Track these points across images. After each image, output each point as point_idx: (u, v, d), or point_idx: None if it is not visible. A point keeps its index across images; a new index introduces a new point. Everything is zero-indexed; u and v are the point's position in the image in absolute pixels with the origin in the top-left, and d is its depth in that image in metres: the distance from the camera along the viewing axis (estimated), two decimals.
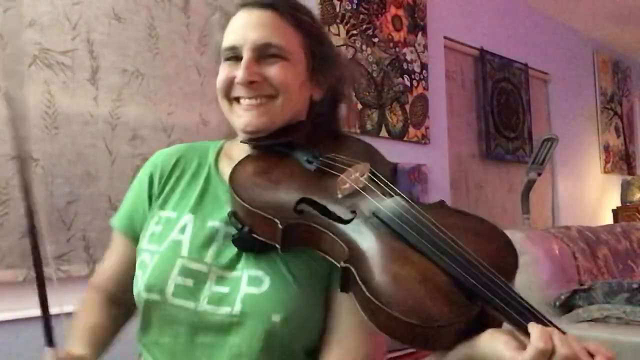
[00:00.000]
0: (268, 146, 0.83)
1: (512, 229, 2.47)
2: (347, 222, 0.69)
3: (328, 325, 0.78)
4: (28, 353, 1.51)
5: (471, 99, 3.39)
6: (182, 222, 0.83)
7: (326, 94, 0.89)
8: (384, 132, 2.64)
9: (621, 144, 4.83)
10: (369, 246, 0.65)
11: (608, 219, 4.45)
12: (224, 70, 0.82)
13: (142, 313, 0.82)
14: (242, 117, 0.81)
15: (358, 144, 0.91)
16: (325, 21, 2.43)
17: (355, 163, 0.79)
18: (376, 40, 2.66)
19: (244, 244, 0.76)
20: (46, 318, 0.73)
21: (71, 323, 0.89)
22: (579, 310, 2.16)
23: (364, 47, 2.60)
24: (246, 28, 0.81)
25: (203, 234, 0.81)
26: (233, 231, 0.78)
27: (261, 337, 0.73)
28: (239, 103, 0.82)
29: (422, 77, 2.88)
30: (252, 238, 0.73)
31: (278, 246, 0.70)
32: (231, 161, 0.87)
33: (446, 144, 3.03)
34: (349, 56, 2.52)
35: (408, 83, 2.80)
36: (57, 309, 0.86)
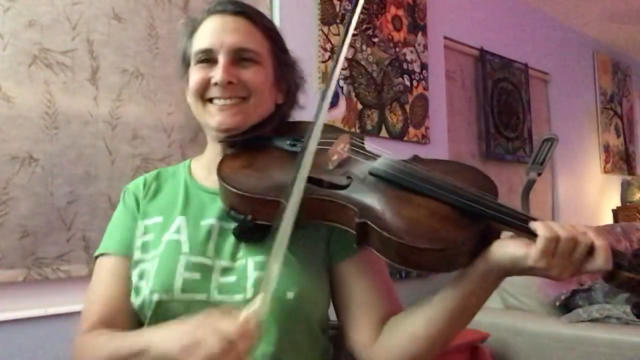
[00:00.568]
0: (243, 142, 0.87)
1: None
2: (346, 187, 0.75)
3: (342, 295, 0.83)
4: (28, 353, 1.51)
5: (471, 99, 3.39)
6: (176, 224, 0.85)
7: (287, 97, 0.94)
8: (384, 132, 2.64)
9: (621, 144, 4.83)
10: (374, 200, 0.72)
11: (608, 219, 4.45)
12: (198, 72, 0.86)
13: (151, 318, 0.81)
14: (217, 116, 0.85)
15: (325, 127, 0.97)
16: (325, 21, 2.43)
17: (333, 136, 0.86)
18: (376, 40, 2.66)
19: (245, 234, 0.79)
20: None
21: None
22: (579, 310, 2.17)
23: (364, 47, 2.60)
24: (222, 32, 0.85)
25: (199, 232, 0.84)
26: (229, 226, 0.82)
27: (278, 317, 0.76)
28: (212, 103, 0.86)
29: (422, 77, 2.88)
30: (254, 226, 0.76)
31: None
32: (204, 169, 0.92)
33: (446, 144, 3.03)
34: (349, 56, 2.52)
35: (408, 83, 2.80)
36: (57, 309, 0.86)
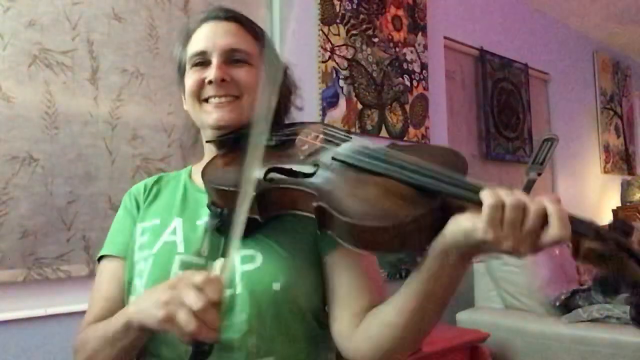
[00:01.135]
0: (233, 143, 0.89)
1: None
2: (312, 175, 0.76)
3: (328, 288, 0.84)
4: (28, 353, 1.51)
5: (471, 99, 3.39)
6: (172, 226, 0.88)
7: (278, 99, 0.95)
8: (384, 132, 2.64)
9: (621, 144, 4.83)
10: (335, 185, 0.73)
11: (608, 219, 4.45)
12: (194, 74, 0.91)
13: None
14: (213, 114, 0.89)
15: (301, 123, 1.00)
16: (325, 21, 2.43)
17: (307, 127, 0.89)
18: (376, 40, 2.66)
19: (228, 228, 0.78)
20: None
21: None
22: (579, 310, 2.17)
23: (364, 47, 2.60)
24: (214, 35, 0.90)
25: (195, 233, 0.86)
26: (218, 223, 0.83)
27: (267, 309, 0.77)
28: (208, 102, 0.89)
29: (422, 77, 2.88)
30: (232, 218, 0.77)
31: (257, 216, 0.76)
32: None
33: (446, 144, 3.03)
34: (349, 56, 2.52)
35: (408, 83, 2.80)
36: (57, 309, 0.86)
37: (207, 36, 0.90)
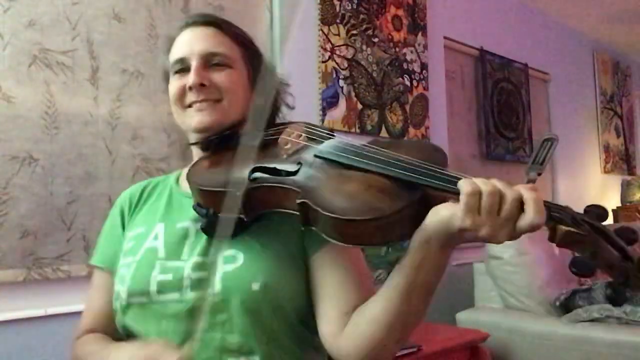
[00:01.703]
0: (217, 144, 0.90)
1: None
2: (296, 173, 0.77)
3: (313, 288, 0.84)
4: (28, 353, 1.51)
5: (471, 99, 3.39)
6: (154, 232, 0.89)
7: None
8: (384, 132, 2.64)
9: (621, 144, 4.83)
10: (317, 181, 0.74)
11: (608, 219, 4.45)
12: (175, 81, 0.92)
13: (126, 322, 0.85)
14: (195, 117, 0.90)
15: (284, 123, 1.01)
16: (325, 21, 2.43)
17: (290, 126, 0.90)
18: (376, 40, 2.66)
19: (212, 228, 0.80)
20: None
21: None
22: (579, 310, 2.17)
23: (364, 47, 2.60)
24: (192, 41, 0.91)
25: (175, 236, 0.87)
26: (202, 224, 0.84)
27: (246, 308, 0.77)
28: (191, 107, 0.90)
29: (422, 77, 2.88)
30: (218, 218, 0.78)
31: (242, 216, 0.77)
32: None
33: (446, 144, 3.03)
34: (349, 56, 2.52)
35: (408, 83, 2.80)
36: (57, 309, 0.87)
37: (186, 42, 0.91)
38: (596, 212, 0.66)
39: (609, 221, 4.40)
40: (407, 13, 2.84)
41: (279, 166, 0.79)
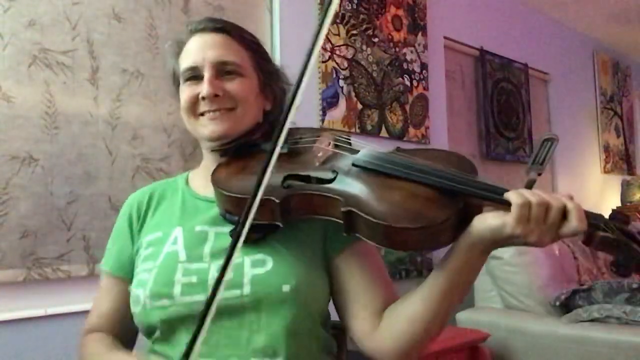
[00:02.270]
0: (235, 150, 0.91)
1: None
2: (332, 180, 0.79)
3: (340, 288, 0.87)
4: (28, 353, 1.51)
5: (471, 99, 3.39)
6: (173, 236, 0.90)
7: (274, 104, 0.99)
8: (384, 132, 2.64)
9: (621, 144, 4.83)
10: (358, 189, 0.76)
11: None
12: (187, 90, 0.92)
13: (149, 323, 0.86)
14: (208, 126, 0.90)
15: (306, 128, 1.03)
16: None
17: (317, 135, 0.91)
18: (376, 40, 2.66)
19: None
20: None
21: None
22: (579, 310, 2.16)
23: (364, 47, 2.60)
24: (204, 49, 0.91)
25: (194, 239, 0.88)
26: (224, 230, 0.85)
27: (276, 310, 0.80)
28: (204, 116, 0.91)
29: (422, 77, 2.88)
30: (251, 227, 0.77)
31: (279, 222, 0.78)
32: (201, 179, 0.97)
33: (446, 144, 3.03)
34: (349, 56, 2.52)
35: (408, 83, 2.80)
36: (57, 309, 0.88)
37: (197, 50, 0.92)
38: (621, 218, 0.71)
39: None
40: (407, 13, 2.83)
41: (313, 174, 0.81)
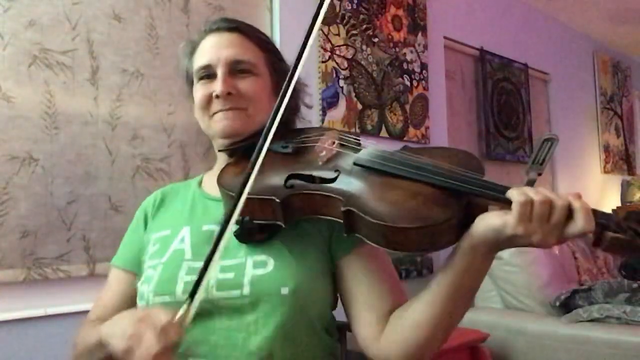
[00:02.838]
0: (244, 149, 0.91)
1: None
2: (334, 180, 0.78)
3: (347, 292, 0.85)
4: (28, 353, 1.51)
5: (471, 99, 3.39)
6: (181, 235, 0.90)
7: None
8: (384, 132, 2.64)
9: (621, 144, 4.83)
10: (360, 189, 0.75)
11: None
12: (201, 88, 0.92)
13: None
14: (221, 123, 0.91)
15: (312, 128, 1.02)
16: (325, 21, 2.43)
17: (322, 134, 0.90)
18: (376, 40, 2.66)
19: (246, 235, 0.82)
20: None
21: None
22: (579, 310, 2.16)
23: (364, 47, 2.60)
24: (218, 48, 0.91)
25: (201, 238, 0.88)
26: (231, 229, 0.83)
27: (274, 311, 0.79)
28: (217, 114, 0.91)
29: (422, 77, 2.88)
30: (254, 226, 0.79)
31: (280, 222, 0.77)
32: (212, 178, 0.95)
33: (446, 144, 3.03)
34: (349, 56, 2.52)
35: (408, 83, 2.80)
36: (57, 309, 0.88)
37: (211, 49, 0.92)
38: (636, 219, 0.67)
39: None
40: (407, 13, 2.83)
41: (316, 173, 0.80)
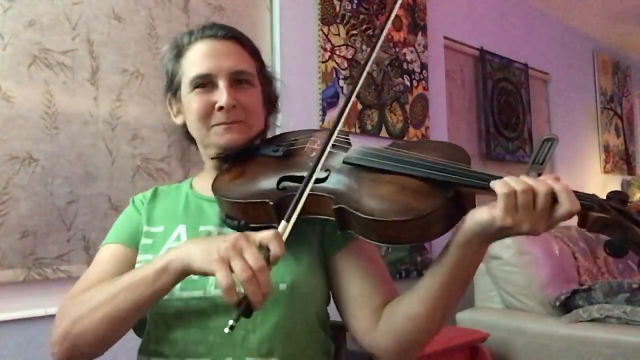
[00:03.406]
0: (235, 157, 0.92)
1: None
2: (325, 179, 0.80)
3: (339, 287, 0.86)
4: (28, 353, 1.51)
5: (471, 99, 3.39)
6: (176, 233, 0.90)
7: (272, 109, 1.02)
8: (384, 132, 2.64)
9: (621, 144, 4.83)
10: (350, 186, 0.77)
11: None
12: (199, 98, 0.90)
13: (148, 318, 0.86)
14: (224, 137, 0.90)
15: (301, 131, 1.03)
16: (325, 21, 2.43)
17: (311, 136, 0.92)
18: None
19: None
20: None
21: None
22: (579, 310, 2.16)
23: (364, 47, 2.60)
24: (217, 57, 0.90)
25: (198, 237, 0.87)
26: (227, 231, 0.86)
27: (273, 308, 0.79)
28: (217, 127, 0.90)
29: (422, 77, 2.88)
30: (250, 229, 0.79)
31: (275, 224, 0.77)
32: (204, 181, 0.97)
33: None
34: (349, 56, 2.52)
35: (408, 83, 2.80)
36: (57, 309, 0.87)
37: (210, 57, 0.90)
38: (619, 197, 0.69)
39: None
40: (407, 13, 2.83)
41: (307, 174, 0.80)
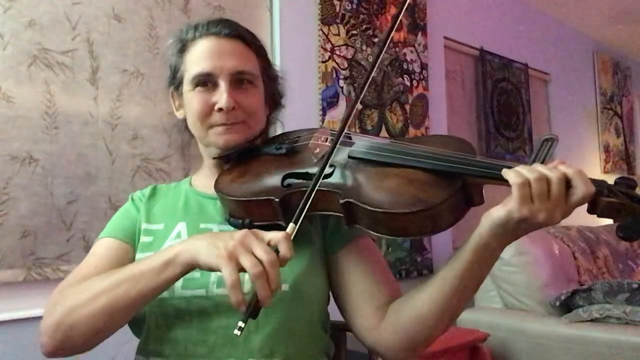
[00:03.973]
0: (237, 156, 0.92)
1: None
2: (331, 175, 0.79)
3: (342, 284, 0.86)
4: (28, 353, 1.51)
5: (471, 99, 3.39)
6: (176, 230, 0.89)
7: (275, 108, 1.01)
8: (384, 132, 2.64)
9: (621, 144, 4.83)
10: (356, 181, 0.77)
11: (608, 219, 4.45)
12: (199, 97, 0.90)
13: (143, 316, 0.85)
14: (223, 137, 0.90)
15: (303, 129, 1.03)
16: (325, 21, 2.43)
17: (314, 133, 0.92)
18: (376, 40, 2.66)
19: None
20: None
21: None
22: (579, 310, 2.16)
23: (364, 47, 2.60)
24: (220, 56, 0.88)
25: (205, 233, 0.85)
26: (230, 228, 0.85)
27: (275, 308, 0.78)
28: (217, 127, 0.90)
29: (422, 77, 2.88)
30: (255, 227, 0.79)
31: (281, 222, 0.78)
32: (203, 180, 0.97)
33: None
34: (349, 56, 2.52)
35: (408, 83, 2.80)
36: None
37: (212, 56, 0.89)
38: (627, 183, 0.69)
39: (609, 221, 4.38)
40: (407, 13, 2.83)
41: (312, 170, 0.81)
